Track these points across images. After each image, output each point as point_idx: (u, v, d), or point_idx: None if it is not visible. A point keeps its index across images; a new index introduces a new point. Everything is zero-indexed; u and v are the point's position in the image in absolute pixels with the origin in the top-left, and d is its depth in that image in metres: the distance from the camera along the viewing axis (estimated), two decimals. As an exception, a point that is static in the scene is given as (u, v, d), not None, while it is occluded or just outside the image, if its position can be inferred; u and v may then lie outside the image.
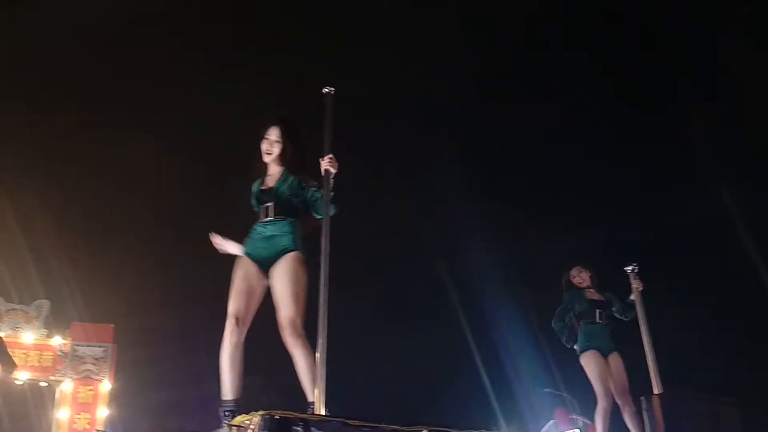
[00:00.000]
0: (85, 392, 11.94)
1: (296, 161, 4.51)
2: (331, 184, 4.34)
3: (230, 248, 4.56)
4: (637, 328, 6.52)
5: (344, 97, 4.71)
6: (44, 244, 14.03)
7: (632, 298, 6.65)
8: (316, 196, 4.38)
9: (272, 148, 4.55)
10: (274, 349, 4.34)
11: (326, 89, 4.61)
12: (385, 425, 3.50)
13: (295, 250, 4.27)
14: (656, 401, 5.49)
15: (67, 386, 11.95)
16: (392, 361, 15.95)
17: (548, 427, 11.62)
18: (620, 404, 6.52)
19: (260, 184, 4.55)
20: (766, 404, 8.42)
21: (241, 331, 4.22)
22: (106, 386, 12.09)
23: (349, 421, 3.43)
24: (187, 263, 15.18)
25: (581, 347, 6.72)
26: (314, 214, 4.42)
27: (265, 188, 4.51)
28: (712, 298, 13.01)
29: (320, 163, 4.40)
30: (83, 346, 12.13)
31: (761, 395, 9.53)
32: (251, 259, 4.35)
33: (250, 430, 3.26)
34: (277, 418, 3.21)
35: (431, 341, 15.89)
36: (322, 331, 3.98)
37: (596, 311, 6.77)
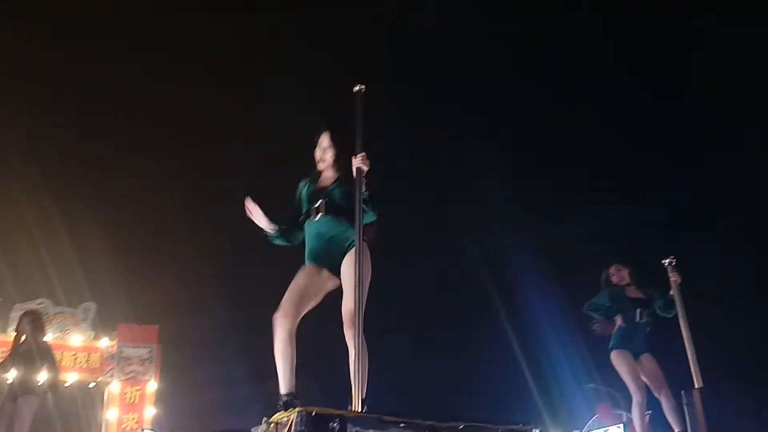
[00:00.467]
0: (132, 392, 12.20)
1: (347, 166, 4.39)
2: (363, 182, 4.30)
3: (260, 220, 4.52)
4: (676, 320, 6.40)
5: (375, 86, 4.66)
6: (90, 248, 14.37)
7: (671, 293, 6.52)
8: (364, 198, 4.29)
9: (325, 155, 4.58)
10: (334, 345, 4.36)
11: (357, 87, 4.53)
12: (421, 421, 3.50)
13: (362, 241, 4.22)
14: (697, 395, 5.38)
15: (114, 387, 12.22)
16: (431, 357, 15.94)
17: (592, 422, 11.52)
18: (661, 401, 6.42)
19: (312, 184, 4.56)
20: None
21: (291, 323, 4.23)
22: (152, 386, 12.34)
23: (385, 417, 3.43)
24: (231, 266, 15.42)
25: (612, 345, 6.64)
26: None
27: (319, 188, 4.52)
28: (753, 287, 12.72)
29: (352, 161, 4.32)
30: (129, 347, 12.39)
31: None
32: (318, 265, 4.37)
33: (287, 426, 3.30)
34: (313, 414, 3.24)
35: (472, 338, 15.84)
36: (358, 327, 3.98)
37: (636, 310, 6.66)
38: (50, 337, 11.58)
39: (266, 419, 3.40)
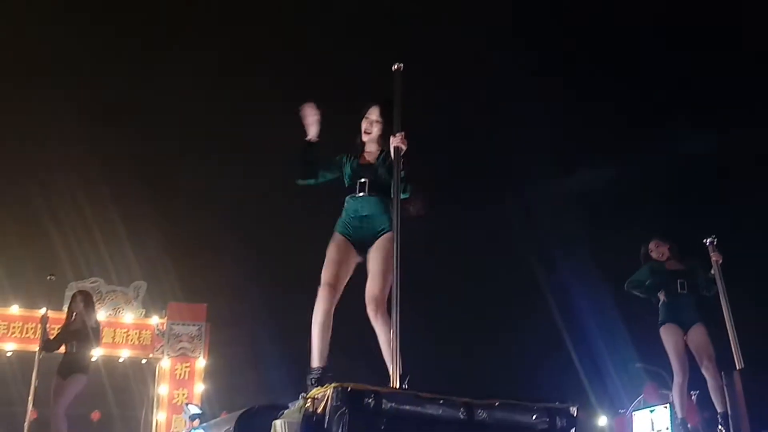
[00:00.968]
0: (182, 369, 12.51)
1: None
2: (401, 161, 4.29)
3: (312, 127, 4.50)
4: (718, 301, 6.25)
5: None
6: (142, 229, 14.74)
7: (712, 272, 6.38)
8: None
9: (372, 127, 4.56)
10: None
11: (396, 65, 4.43)
12: (456, 398, 3.51)
13: (391, 230, 4.23)
14: (737, 376, 5.25)
15: (165, 363, 12.55)
16: (475, 337, 15.93)
17: (637, 402, 11.39)
18: (707, 378, 6.30)
19: (356, 158, 4.56)
20: None
21: (332, 298, 4.29)
22: (201, 363, 12.63)
23: (420, 393, 3.45)
24: (276, 250, 15.62)
25: (661, 320, 6.53)
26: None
27: (363, 163, 4.53)
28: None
29: (390, 141, 4.28)
30: (179, 324, 12.69)
31: None
32: (347, 238, 4.41)
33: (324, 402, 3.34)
34: (349, 390, 3.27)
35: (514, 315, 15.77)
36: (396, 306, 3.99)
37: (677, 281, 6.53)
38: (103, 315, 12.00)
39: (303, 395, 3.45)
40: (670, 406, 10.11)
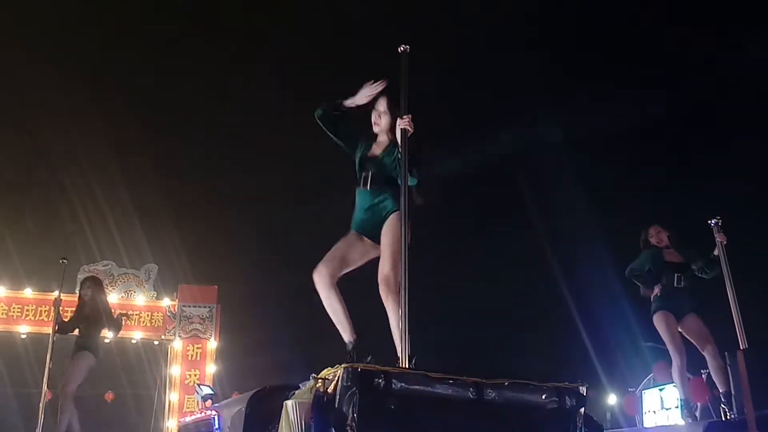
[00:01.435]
0: (193, 350, 12.63)
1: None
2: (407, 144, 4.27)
3: (360, 97, 4.55)
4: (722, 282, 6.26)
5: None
6: (152, 212, 14.81)
7: (716, 253, 6.37)
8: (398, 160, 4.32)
9: (380, 119, 4.61)
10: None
11: (402, 47, 4.45)
12: (466, 378, 3.53)
13: (397, 210, 4.30)
14: (740, 356, 5.28)
15: (177, 345, 12.67)
16: (483, 316, 15.95)
17: (647, 381, 11.42)
18: (708, 359, 6.34)
19: (366, 149, 4.60)
20: None
21: (326, 278, 4.37)
22: (212, 344, 12.75)
23: (430, 373, 3.47)
24: (286, 232, 15.66)
25: (655, 307, 6.57)
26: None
27: (370, 155, 4.57)
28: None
29: (397, 123, 4.32)
30: (190, 306, 12.79)
31: None
32: (360, 232, 4.49)
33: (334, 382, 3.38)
34: (359, 370, 3.30)
35: (523, 294, 15.76)
36: (404, 286, 4.01)
37: (675, 276, 6.56)
38: (115, 297, 12.13)
39: (314, 376, 3.49)
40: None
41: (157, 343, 12.93)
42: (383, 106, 4.60)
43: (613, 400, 14.39)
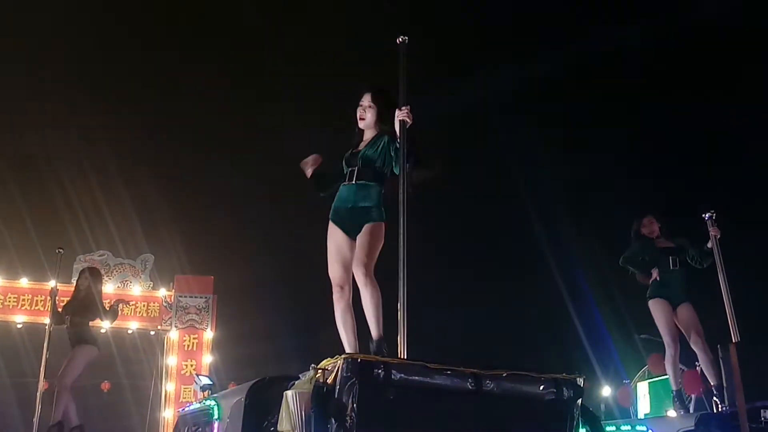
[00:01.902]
0: (190, 340, 12.63)
1: (389, 122, 4.46)
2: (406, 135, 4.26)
3: (309, 170, 4.69)
4: (715, 275, 6.29)
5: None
6: (149, 202, 14.81)
7: (709, 245, 6.42)
8: (393, 149, 4.35)
9: (365, 113, 4.60)
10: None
11: (400, 38, 4.45)
12: (464, 368, 3.55)
13: (376, 222, 4.36)
14: (733, 349, 5.30)
15: (173, 335, 12.67)
16: (478, 309, 16.00)
17: (642, 373, 11.48)
18: (698, 355, 6.37)
19: (353, 147, 4.62)
20: None
21: (346, 295, 4.41)
22: (209, 334, 12.75)
23: (429, 364, 3.49)
24: (282, 222, 15.68)
25: (650, 293, 6.60)
26: (393, 169, 4.39)
27: (355, 152, 4.57)
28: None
29: (395, 114, 4.29)
30: (186, 297, 12.78)
31: None
32: (337, 226, 4.49)
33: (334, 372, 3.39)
34: (359, 361, 3.32)
35: (517, 288, 15.81)
36: (402, 278, 4.02)
37: (669, 258, 6.59)
38: (111, 287, 12.11)
39: (313, 366, 3.51)
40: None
41: (153, 333, 12.92)
42: (367, 100, 4.60)
43: (607, 391, 14.48)
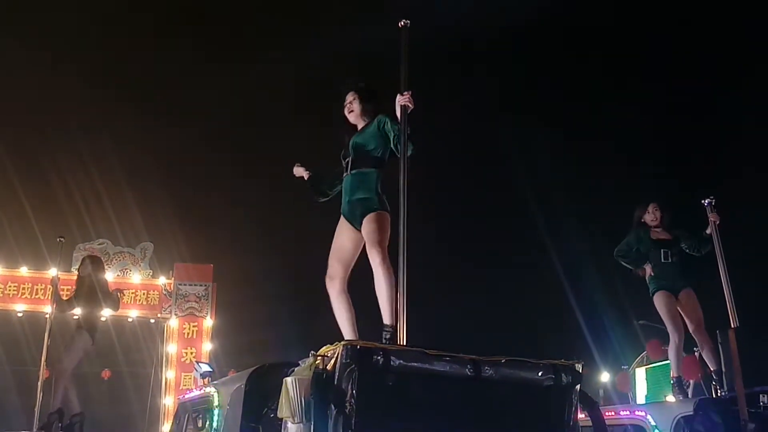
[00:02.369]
0: (189, 328, 12.68)
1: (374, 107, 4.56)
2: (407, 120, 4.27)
3: (301, 173, 4.93)
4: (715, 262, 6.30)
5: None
6: (148, 191, 14.81)
7: (708, 231, 6.43)
8: (393, 129, 4.36)
9: (352, 105, 4.66)
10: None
11: (402, 22, 4.43)
12: (463, 355, 3.56)
13: (376, 210, 4.39)
14: (732, 335, 5.32)
15: (173, 323, 12.70)
16: (477, 295, 16.04)
17: (640, 359, 11.53)
18: (698, 341, 6.40)
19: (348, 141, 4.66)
20: None
21: (336, 285, 4.47)
22: (208, 322, 12.78)
23: (428, 351, 3.50)
24: (281, 210, 15.68)
25: (652, 289, 6.62)
26: (393, 148, 4.40)
27: (347, 144, 4.61)
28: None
29: (397, 100, 4.30)
30: (186, 285, 12.81)
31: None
32: (345, 219, 4.55)
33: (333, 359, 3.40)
34: (358, 347, 3.31)
35: (517, 275, 15.84)
36: (403, 265, 4.03)
37: (661, 251, 6.59)
38: (111, 276, 12.11)
39: (313, 352, 3.51)
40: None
41: (153, 321, 12.96)
42: (351, 96, 4.68)
43: (605, 377, 14.54)
